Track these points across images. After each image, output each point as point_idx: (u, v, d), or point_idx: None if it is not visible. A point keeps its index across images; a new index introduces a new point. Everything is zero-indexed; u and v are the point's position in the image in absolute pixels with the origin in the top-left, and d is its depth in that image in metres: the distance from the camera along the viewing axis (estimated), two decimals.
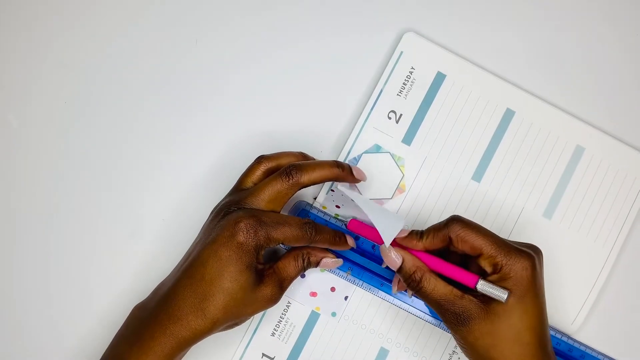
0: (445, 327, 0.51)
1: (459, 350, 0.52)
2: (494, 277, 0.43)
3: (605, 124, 0.55)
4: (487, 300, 0.43)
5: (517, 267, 0.42)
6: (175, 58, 0.56)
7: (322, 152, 0.54)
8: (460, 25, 0.56)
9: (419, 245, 0.45)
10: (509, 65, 0.55)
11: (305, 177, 0.47)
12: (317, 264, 0.49)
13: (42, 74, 0.56)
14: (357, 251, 0.52)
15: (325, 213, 0.53)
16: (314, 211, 0.53)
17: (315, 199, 0.54)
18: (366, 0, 0.56)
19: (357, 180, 0.50)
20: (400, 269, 0.45)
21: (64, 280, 0.54)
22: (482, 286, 0.43)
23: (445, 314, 0.44)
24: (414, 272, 0.45)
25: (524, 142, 0.54)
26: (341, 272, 0.52)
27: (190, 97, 0.56)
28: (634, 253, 0.53)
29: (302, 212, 0.53)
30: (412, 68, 0.55)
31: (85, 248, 0.54)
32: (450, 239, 0.44)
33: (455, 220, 0.44)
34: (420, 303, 0.52)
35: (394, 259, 0.45)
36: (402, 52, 0.55)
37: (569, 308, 0.52)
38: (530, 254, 0.43)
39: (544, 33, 0.56)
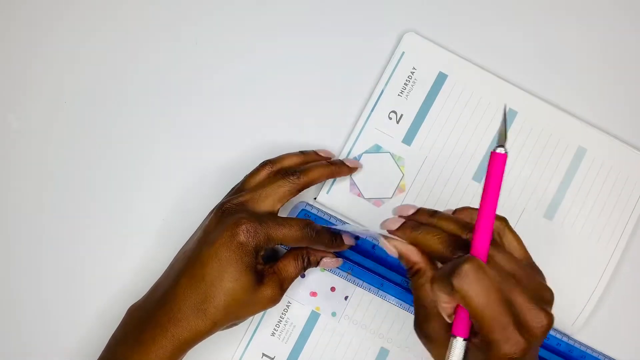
0: None
1: None
2: (479, 341, 0.36)
3: (608, 126, 0.54)
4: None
5: (502, 354, 0.35)
6: (175, 58, 0.56)
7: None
8: (461, 25, 0.56)
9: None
10: (510, 65, 0.55)
11: (303, 179, 0.48)
12: (317, 264, 0.49)
13: (42, 74, 0.56)
14: (358, 251, 0.52)
15: (325, 212, 0.53)
16: (314, 211, 0.53)
17: (315, 199, 0.54)
18: (367, 1, 0.56)
19: (353, 170, 0.52)
20: (400, 257, 0.41)
21: (63, 280, 0.54)
22: (453, 346, 0.37)
23: (418, 317, 0.40)
24: (410, 267, 0.40)
25: (525, 143, 0.54)
26: (342, 272, 0.52)
27: (190, 98, 0.56)
28: (636, 255, 0.53)
29: (302, 212, 0.53)
30: (414, 68, 0.54)
31: (85, 247, 0.54)
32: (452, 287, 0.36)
33: (467, 267, 0.35)
34: None
35: (391, 250, 0.40)
36: (403, 53, 0.54)
37: (570, 309, 0.52)
38: (519, 346, 0.35)
39: (545, 33, 0.56)
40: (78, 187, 0.55)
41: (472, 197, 0.53)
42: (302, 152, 0.52)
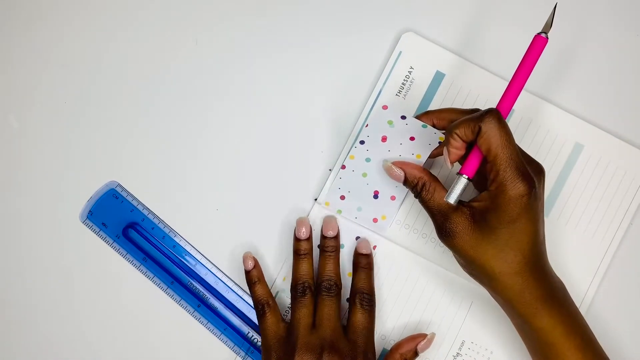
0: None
1: (463, 352, 0.53)
2: (492, 188, 0.44)
3: (604, 122, 0.55)
4: (476, 216, 0.44)
5: (512, 195, 0.43)
6: (175, 58, 0.56)
7: (322, 152, 0.55)
8: (458, 24, 0.56)
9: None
10: (507, 63, 0.55)
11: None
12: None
13: (42, 74, 0.56)
14: None
15: (328, 210, 0.53)
16: (316, 210, 0.53)
17: (315, 200, 0.54)
18: (365, 1, 0.56)
19: None
20: (405, 181, 0.48)
21: (64, 282, 0.55)
22: (458, 181, 0.45)
23: (436, 224, 0.46)
24: (416, 183, 0.47)
25: (523, 139, 0.54)
26: None
27: (190, 97, 0.56)
28: (631, 250, 0.54)
29: (110, 191, 0.53)
30: (411, 68, 0.55)
31: (84, 247, 0.55)
32: (480, 129, 0.43)
33: (493, 115, 0.43)
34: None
35: (397, 173, 0.48)
36: (400, 52, 0.55)
37: None
38: (529, 183, 0.43)
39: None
40: (77, 188, 0.55)
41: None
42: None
